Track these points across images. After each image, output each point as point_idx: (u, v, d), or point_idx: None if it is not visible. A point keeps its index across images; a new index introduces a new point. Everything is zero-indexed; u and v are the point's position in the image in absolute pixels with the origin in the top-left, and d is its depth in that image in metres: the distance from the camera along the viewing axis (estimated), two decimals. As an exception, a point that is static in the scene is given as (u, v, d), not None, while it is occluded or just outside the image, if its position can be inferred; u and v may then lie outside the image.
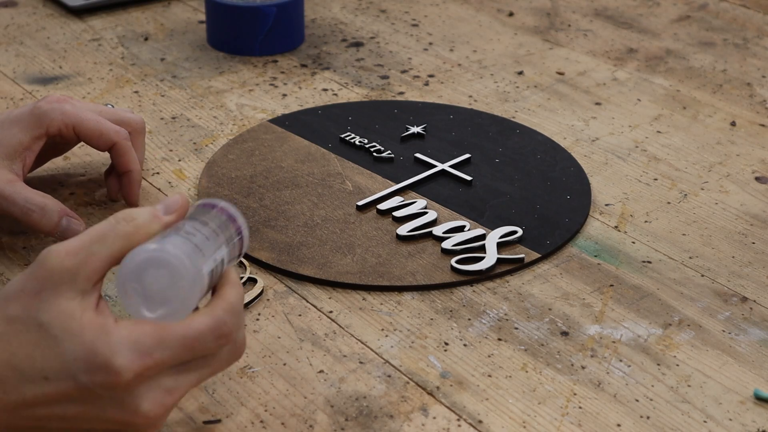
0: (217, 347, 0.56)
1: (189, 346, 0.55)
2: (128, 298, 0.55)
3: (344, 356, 0.68)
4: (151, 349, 0.53)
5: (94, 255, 0.55)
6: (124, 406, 0.54)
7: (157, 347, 0.54)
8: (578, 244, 0.80)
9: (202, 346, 0.55)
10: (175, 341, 0.54)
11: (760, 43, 1.12)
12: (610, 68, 1.07)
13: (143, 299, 0.55)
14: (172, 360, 0.54)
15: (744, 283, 0.75)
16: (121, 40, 1.12)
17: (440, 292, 0.74)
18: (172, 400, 0.55)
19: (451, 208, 0.82)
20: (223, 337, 0.56)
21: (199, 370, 0.56)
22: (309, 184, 0.86)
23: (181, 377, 0.55)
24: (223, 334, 0.56)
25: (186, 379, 0.56)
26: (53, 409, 0.54)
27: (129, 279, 0.55)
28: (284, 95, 1.01)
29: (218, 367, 0.57)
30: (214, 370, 0.57)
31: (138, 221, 0.56)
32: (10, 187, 0.76)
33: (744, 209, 0.84)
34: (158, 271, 0.55)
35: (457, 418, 0.64)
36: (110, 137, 0.79)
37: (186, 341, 0.54)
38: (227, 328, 0.56)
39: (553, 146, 0.92)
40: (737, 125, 0.96)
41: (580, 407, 0.64)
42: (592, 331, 0.71)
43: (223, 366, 0.58)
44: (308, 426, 0.63)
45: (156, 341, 0.54)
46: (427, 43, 1.12)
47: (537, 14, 1.20)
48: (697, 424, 0.63)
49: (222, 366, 0.58)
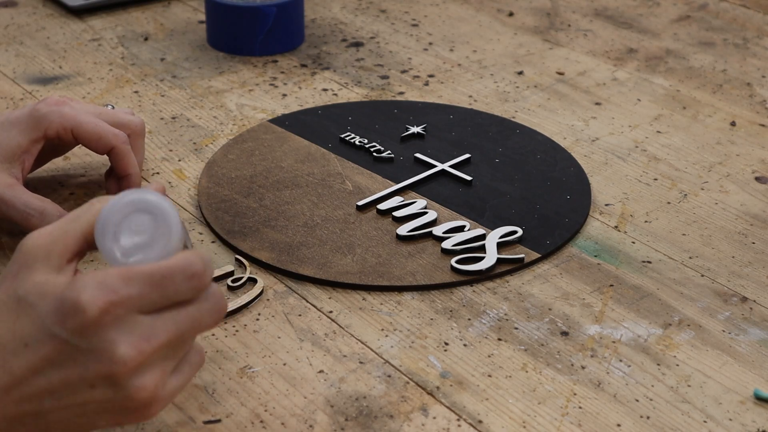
0: (190, 290, 0.55)
1: (157, 283, 0.53)
2: (105, 241, 0.55)
3: (344, 356, 0.68)
4: (117, 285, 0.53)
5: (67, 233, 0.55)
6: (100, 355, 0.53)
7: (122, 284, 0.53)
8: (578, 244, 0.80)
9: (173, 286, 0.54)
10: (141, 278, 0.53)
11: (760, 43, 1.12)
12: (610, 68, 1.07)
13: (120, 245, 0.55)
14: (140, 297, 0.53)
15: (744, 283, 0.75)
16: (121, 40, 1.12)
17: (440, 292, 0.74)
18: (149, 346, 0.53)
19: (451, 208, 0.82)
20: (194, 277, 0.54)
21: (175, 317, 0.54)
22: (309, 184, 0.86)
23: (157, 323, 0.54)
24: (194, 274, 0.54)
25: (162, 324, 0.54)
26: (39, 381, 0.53)
27: (110, 222, 0.55)
28: (284, 95, 1.01)
29: (199, 319, 0.55)
30: (193, 321, 0.55)
31: None
32: (9, 191, 0.76)
33: (744, 209, 0.84)
34: (141, 216, 0.55)
35: (457, 418, 0.64)
36: (108, 141, 0.79)
37: (153, 278, 0.53)
38: (197, 267, 0.54)
39: (553, 146, 0.92)
40: (737, 125, 0.96)
41: (580, 407, 0.64)
42: (592, 331, 0.71)
43: (204, 319, 0.55)
44: (308, 426, 0.63)
45: (122, 279, 0.53)
46: (427, 43, 1.12)
47: (537, 14, 1.20)
48: (697, 424, 0.63)
49: (203, 318, 0.55)
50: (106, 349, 0.53)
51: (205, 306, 0.55)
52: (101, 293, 0.52)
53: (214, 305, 0.56)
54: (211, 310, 0.56)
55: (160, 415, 0.63)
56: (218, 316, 0.56)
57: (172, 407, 0.64)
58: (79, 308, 0.52)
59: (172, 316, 0.54)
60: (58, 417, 0.55)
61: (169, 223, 0.55)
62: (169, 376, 0.55)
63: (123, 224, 0.55)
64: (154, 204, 0.55)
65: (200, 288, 0.55)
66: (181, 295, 0.54)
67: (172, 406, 0.64)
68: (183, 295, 0.54)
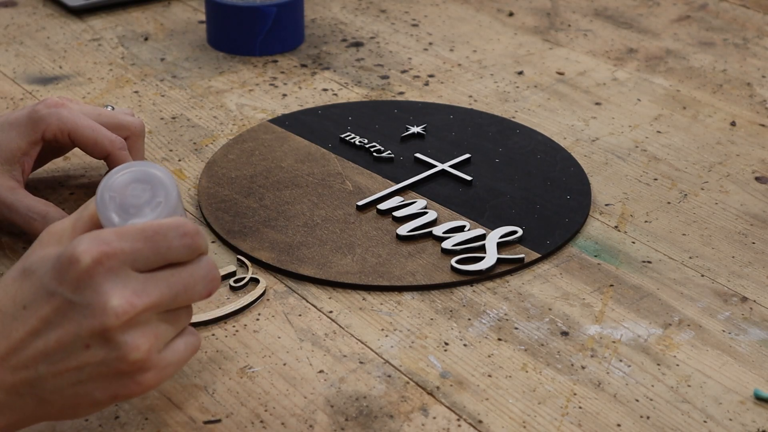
0: (183, 248, 0.55)
1: (149, 237, 0.55)
2: (105, 210, 0.57)
3: (344, 356, 0.68)
4: (110, 239, 0.54)
5: (79, 219, 0.57)
6: (94, 308, 0.53)
7: (116, 238, 0.54)
8: (578, 244, 0.80)
9: (165, 242, 0.55)
10: (134, 233, 0.55)
11: (760, 43, 1.12)
12: (610, 68, 1.07)
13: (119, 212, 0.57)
14: (133, 251, 0.54)
15: (744, 283, 0.75)
16: (121, 40, 1.12)
17: (440, 292, 0.74)
18: (141, 302, 0.54)
19: (451, 208, 0.82)
20: (186, 236, 0.55)
21: (168, 278, 0.55)
22: (309, 184, 0.86)
23: (150, 281, 0.55)
24: (186, 233, 0.55)
25: (155, 283, 0.55)
26: (36, 343, 0.54)
27: (109, 191, 0.57)
28: (284, 95, 1.01)
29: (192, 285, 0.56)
30: (186, 285, 0.56)
31: None
32: (12, 194, 0.76)
33: (744, 209, 0.84)
34: (140, 185, 0.57)
35: (457, 418, 0.64)
36: (104, 147, 0.79)
37: (146, 233, 0.55)
38: (189, 227, 0.56)
39: (553, 146, 0.92)
40: (737, 125, 0.96)
41: (580, 407, 0.64)
42: (592, 331, 0.71)
43: (197, 286, 0.56)
44: (308, 426, 0.63)
45: (116, 233, 0.54)
46: (427, 43, 1.12)
47: (537, 14, 1.20)
48: (697, 424, 0.63)
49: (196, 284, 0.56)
50: (99, 301, 0.53)
51: (198, 272, 0.56)
52: (95, 244, 0.54)
53: (208, 273, 0.57)
54: (204, 278, 0.56)
55: (160, 415, 0.63)
56: (211, 286, 0.57)
57: (172, 407, 0.64)
58: (74, 259, 0.53)
59: (165, 276, 0.55)
60: (54, 385, 0.55)
61: (168, 192, 0.57)
62: (163, 346, 0.56)
63: (122, 193, 0.57)
64: (152, 175, 0.57)
65: (192, 247, 0.56)
66: (173, 252, 0.55)
67: (172, 406, 0.64)
68: (176, 254, 0.55)
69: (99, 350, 0.54)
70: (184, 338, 0.58)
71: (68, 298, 0.54)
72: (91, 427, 0.62)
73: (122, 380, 0.55)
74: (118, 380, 0.55)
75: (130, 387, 0.55)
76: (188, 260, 0.56)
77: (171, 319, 0.56)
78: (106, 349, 0.54)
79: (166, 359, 0.56)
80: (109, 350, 0.54)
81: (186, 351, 0.57)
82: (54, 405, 0.56)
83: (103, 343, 0.54)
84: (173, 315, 0.56)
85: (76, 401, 0.56)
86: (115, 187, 0.57)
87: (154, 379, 0.56)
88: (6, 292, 0.56)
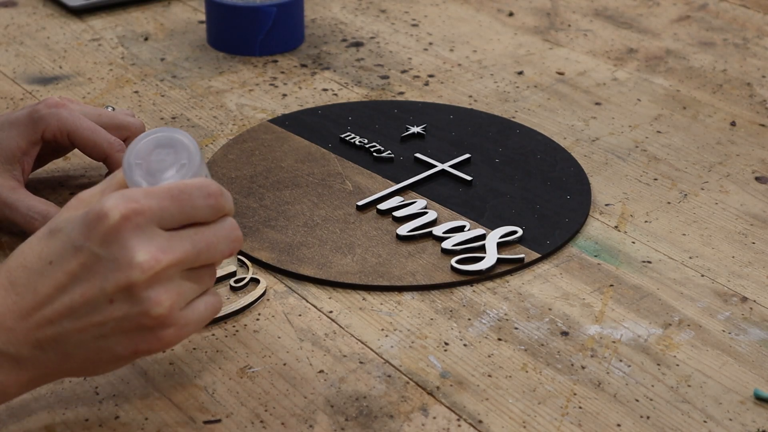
0: (207, 208, 0.57)
1: (175, 196, 0.56)
2: (133, 175, 0.59)
3: (344, 356, 0.68)
4: (138, 196, 0.56)
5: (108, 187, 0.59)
6: (120, 262, 0.55)
7: (143, 196, 0.56)
8: (578, 244, 0.80)
9: (190, 201, 0.57)
10: (161, 192, 0.56)
11: (760, 43, 1.12)
12: (610, 68, 1.07)
13: (145, 174, 0.59)
14: (160, 209, 0.56)
15: (744, 283, 0.76)
16: (121, 40, 1.12)
17: (440, 292, 0.74)
18: (165, 258, 0.56)
19: (451, 208, 0.82)
20: (211, 196, 0.57)
21: (192, 236, 0.57)
22: (309, 184, 0.86)
23: (175, 238, 0.56)
24: (210, 193, 0.57)
25: (179, 240, 0.57)
26: (62, 298, 0.55)
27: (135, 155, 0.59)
28: (284, 95, 1.01)
29: (215, 243, 0.58)
30: (209, 243, 0.58)
31: None
32: (12, 194, 0.76)
33: (744, 209, 0.84)
34: (165, 150, 0.59)
35: (457, 418, 0.64)
36: (103, 149, 0.79)
37: (172, 192, 0.56)
38: (214, 188, 0.58)
39: (553, 146, 0.92)
40: (737, 125, 0.96)
41: (580, 407, 0.64)
42: (592, 331, 0.71)
43: (220, 244, 0.58)
44: (308, 426, 0.63)
45: (143, 192, 0.56)
46: (427, 43, 1.12)
47: (537, 14, 1.20)
48: (697, 424, 0.63)
49: (219, 243, 0.58)
50: (125, 256, 0.55)
51: (221, 231, 0.58)
52: (123, 201, 0.55)
53: (231, 232, 0.59)
54: (227, 237, 0.58)
55: (160, 415, 0.63)
56: (234, 245, 0.59)
57: (172, 407, 0.64)
58: (102, 214, 0.55)
59: (189, 235, 0.57)
60: (77, 339, 0.56)
61: (190, 154, 0.59)
62: (185, 304, 0.57)
63: (147, 159, 0.59)
64: (175, 138, 0.59)
65: (217, 208, 0.58)
66: (198, 212, 0.57)
67: (172, 406, 0.64)
68: (200, 213, 0.57)
69: (123, 305, 0.55)
70: (205, 298, 0.59)
71: (95, 252, 0.55)
72: (91, 427, 0.62)
73: (144, 335, 0.56)
74: (139, 335, 0.56)
75: (151, 342, 0.57)
76: (212, 220, 0.58)
77: (194, 278, 0.58)
78: (130, 303, 0.55)
79: (187, 317, 0.58)
80: (132, 305, 0.55)
81: (206, 311, 0.59)
82: (76, 360, 0.57)
83: (127, 298, 0.55)
84: (196, 274, 0.58)
85: (98, 356, 0.57)
86: (141, 153, 0.59)
87: (174, 335, 0.57)
88: (32, 249, 0.57)
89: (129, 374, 0.66)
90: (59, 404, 0.64)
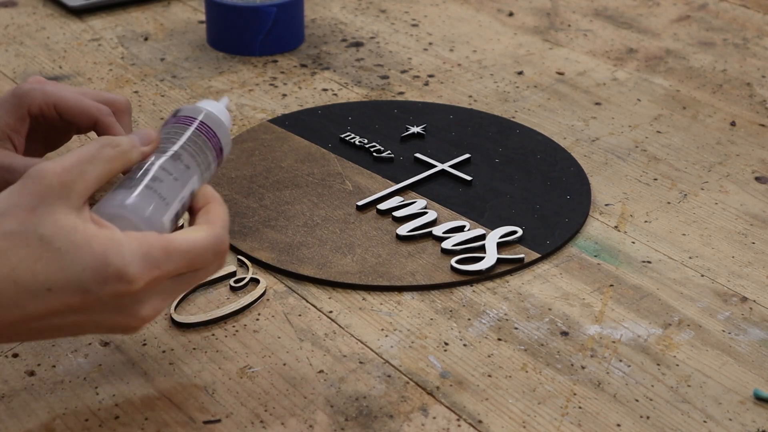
0: (214, 264, 0.59)
1: (192, 260, 0.57)
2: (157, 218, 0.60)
3: (344, 356, 0.68)
4: (160, 261, 0.56)
5: (85, 173, 0.57)
6: (127, 313, 0.56)
7: (165, 260, 0.56)
8: (578, 244, 0.80)
9: (203, 261, 0.58)
10: (181, 255, 0.57)
11: (760, 43, 1.12)
12: (610, 68, 1.07)
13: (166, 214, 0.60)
14: (176, 272, 0.57)
15: (744, 283, 0.76)
16: (121, 40, 1.12)
17: (440, 292, 0.74)
18: (165, 305, 0.58)
19: (451, 208, 0.82)
20: (221, 253, 0.59)
21: (191, 280, 0.59)
22: (309, 184, 0.86)
23: (177, 286, 0.58)
24: (221, 251, 0.59)
25: (181, 287, 0.58)
26: (52, 320, 0.55)
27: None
28: (284, 95, 1.01)
29: (205, 276, 0.60)
30: (201, 278, 0.60)
31: (121, 148, 0.59)
32: (8, 158, 0.75)
33: (744, 209, 0.84)
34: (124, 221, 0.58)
35: (457, 418, 0.64)
36: (92, 114, 0.78)
37: (190, 256, 0.57)
38: (225, 244, 0.59)
39: (553, 146, 0.92)
40: (737, 125, 0.96)
41: (580, 407, 0.64)
42: (592, 331, 0.71)
43: (210, 274, 0.60)
44: (308, 426, 0.63)
45: (164, 254, 0.56)
46: (427, 43, 1.12)
47: (537, 14, 1.20)
48: (696, 424, 0.63)
49: (209, 274, 0.60)
50: (135, 309, 0.56)
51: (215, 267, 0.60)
52: (148, 268, 0.55)
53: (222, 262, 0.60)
54: (217, 266, 0.60)
55: (160, 415, 0.63)
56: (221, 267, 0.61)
57: (172, 407, 0.64)
58: (125, 278, 0.54)
59: (190, 281, 0.59)
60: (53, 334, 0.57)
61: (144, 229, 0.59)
62: None
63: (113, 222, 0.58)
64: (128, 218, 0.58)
65: (221, 263, 0.60)
66: (206, 265, 0.59)
67: (172, 406, 0.64)
68: (206, 266, 0.59)
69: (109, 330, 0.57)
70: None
71: (103, 299, 0.55)
72: (91, 427, 0.62)
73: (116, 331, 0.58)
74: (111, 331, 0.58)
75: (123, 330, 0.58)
76: None
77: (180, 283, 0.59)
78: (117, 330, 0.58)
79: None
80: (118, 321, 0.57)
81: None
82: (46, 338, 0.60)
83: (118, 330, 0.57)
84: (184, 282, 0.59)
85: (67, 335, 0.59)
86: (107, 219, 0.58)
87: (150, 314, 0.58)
88: (21, 260, 0.54)
89: (129, 374, 0.66)
90: (59, 404, 0.64)
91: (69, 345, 0.69)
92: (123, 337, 0.69)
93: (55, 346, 0.68)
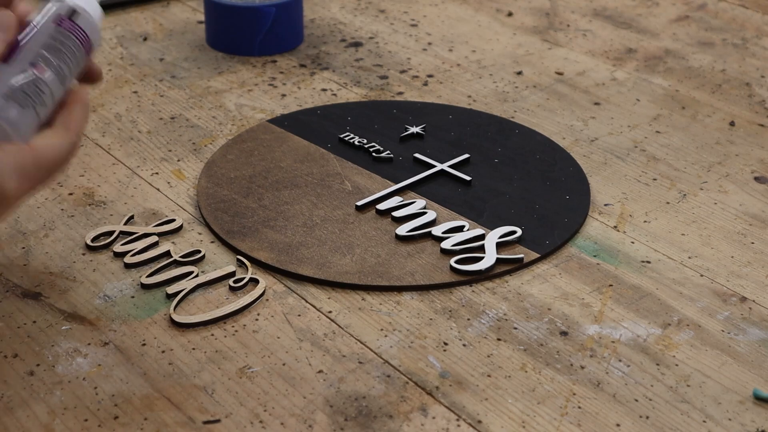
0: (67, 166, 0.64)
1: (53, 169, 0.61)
2: None
3: (343, 356, 0.68)
4: (32, 172, 0.59)
5: None
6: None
7: (36, 172, 0.60)
8: (577, 244, 0.80)
9: (61, 168, 0.62)
10: (48, 166, 0.61)
11: (759, 43, 1.13)
12: (609, 68, 1.07)
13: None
14: (42, 180, 0.61)
15: (743, 283, 0.76)
16: (120, 40, 1.12)
17: (439, 292, 0.74)
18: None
19: (450, 208, 0.82)
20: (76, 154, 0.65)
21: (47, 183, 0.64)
22: (308, 184, 0.86)
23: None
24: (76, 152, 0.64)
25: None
26: None
27: None
28: (283, 95, 1.01)
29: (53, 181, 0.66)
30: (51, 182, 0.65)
31: None
32: None
33: (743, 209, 0.84)
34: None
35: (457, 418, 0.64)
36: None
37: (57, 163, 0.61)
38: (78, 146, 0.64)
39: (552, 146, 0.92)
40: (736, 125, 0.96)
41: (579, 407, 0.64)
42: (592, 331, 0.71)
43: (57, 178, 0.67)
44: (308, 426, 0.63)
45: (35, 167, 0.60)
46: (426, 43, 1.12)
47: (536, 14, 1.20)
48: (696, 424, 0.63)
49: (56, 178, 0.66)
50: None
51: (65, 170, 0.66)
52: (23, 183, 0.59)
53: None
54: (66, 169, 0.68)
55: (160, 415, 0.63)
56: None
57: (172, 407, 0.64)
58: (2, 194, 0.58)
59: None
60: None
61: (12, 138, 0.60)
62: None
63: None
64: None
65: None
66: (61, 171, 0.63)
67: (171, 406, 0.64)
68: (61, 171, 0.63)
69: None
70: None
71: None
72: (90, 427, 0.62)
73: None
74: None
75: None
76: None
77: None
78: None
79: None
80: None
81: None
82: None
83: None
84: None
85: None
86: None
87: None
88: None
89: (128, 374, 0.66)
90: (59, 404, 0.64)
91: (69, 345, 0.69)
92: (123, 337, 0.69)
93: (54, 346, 0.68)
